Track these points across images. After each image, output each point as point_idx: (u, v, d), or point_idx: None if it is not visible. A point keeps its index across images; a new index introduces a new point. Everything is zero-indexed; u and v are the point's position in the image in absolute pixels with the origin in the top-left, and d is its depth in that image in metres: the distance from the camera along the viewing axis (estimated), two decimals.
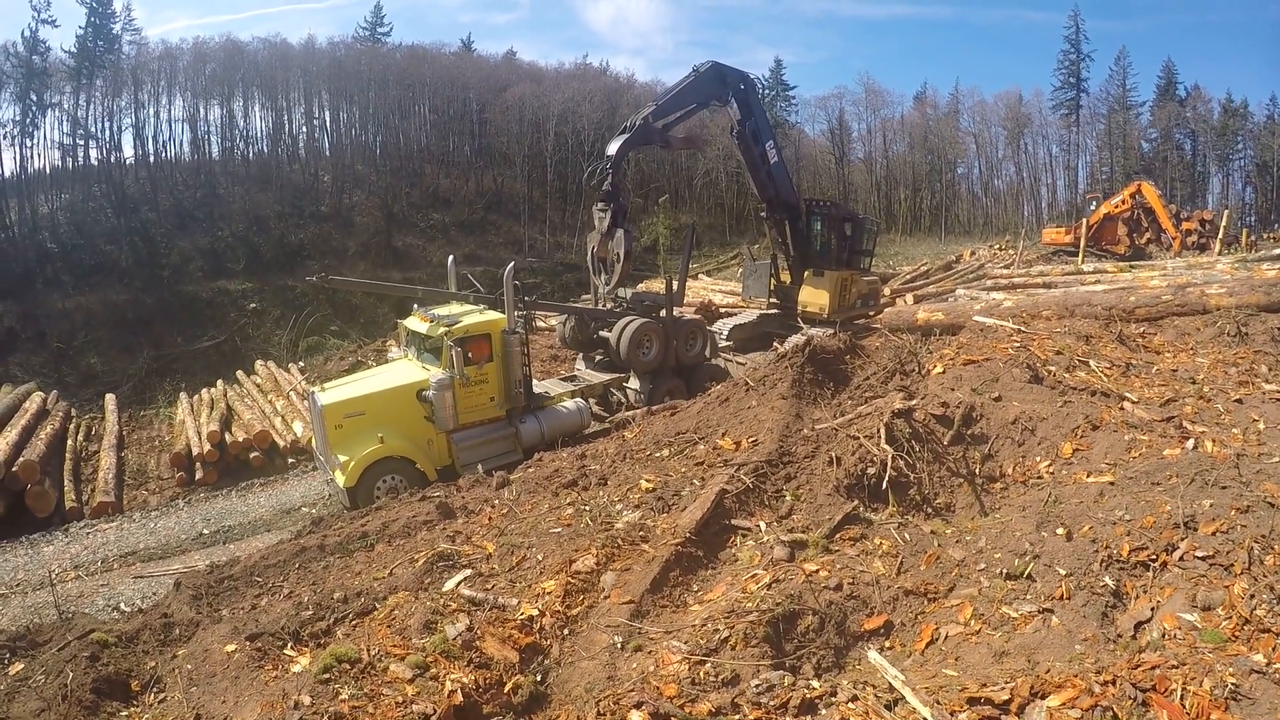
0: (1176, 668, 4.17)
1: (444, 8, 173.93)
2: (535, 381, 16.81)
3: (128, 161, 65.71)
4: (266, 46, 75.82)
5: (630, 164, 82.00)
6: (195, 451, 18.46)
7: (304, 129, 77.13)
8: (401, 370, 15.37)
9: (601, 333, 18.46)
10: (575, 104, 78.09)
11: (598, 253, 17.88)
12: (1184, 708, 3.90)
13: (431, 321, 14.87)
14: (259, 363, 29.89)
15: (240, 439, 18.97)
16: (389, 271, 58.06)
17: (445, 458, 14.49)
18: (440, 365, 14.40)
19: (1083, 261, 34.77)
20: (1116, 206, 40.23)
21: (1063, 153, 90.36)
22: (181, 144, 70.30)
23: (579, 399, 16.66)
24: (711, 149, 71.95)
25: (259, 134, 74.89)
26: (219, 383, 26.37)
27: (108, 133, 65.01)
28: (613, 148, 17.65)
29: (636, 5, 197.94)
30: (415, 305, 16.15)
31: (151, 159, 67.16)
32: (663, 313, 18.19)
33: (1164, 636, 4.67)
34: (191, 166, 67.87)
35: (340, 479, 13.45)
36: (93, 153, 64.03)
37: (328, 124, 78.47)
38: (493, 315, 15.23)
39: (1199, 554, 5.33)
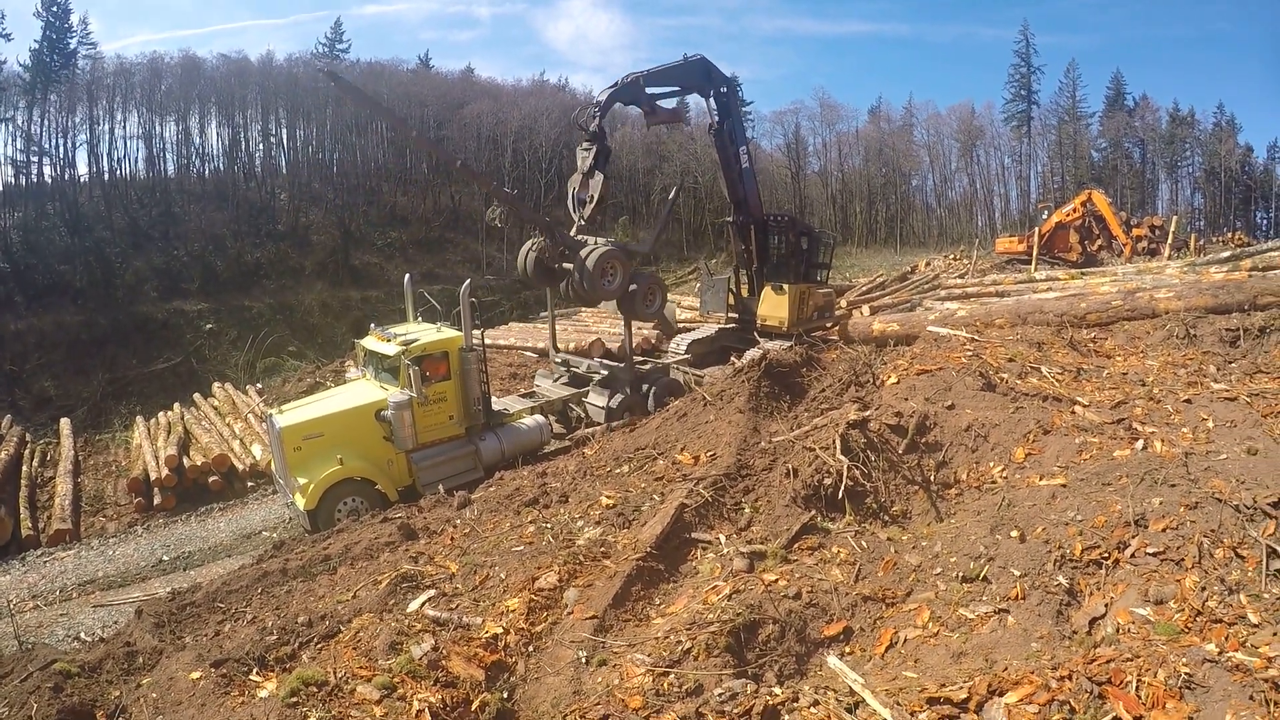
0: (1131, 660, 4.29)
1: (405, 25, 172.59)
2: (495, 398, 16.78)
3: (82, 179, 64.40)
4: (224, 63, 75.01)
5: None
6: (153, 476, 18.09)
7: (261, 146, 76.26)
8: (360, 390, 15.18)
9: (565, 265, 17.42)
10: (533, 120, 78.13)
11: (578, 192, 17.91)
12: (1139, 698, 4.02)
13: (389, 340, 14.74)
14: (216, 385, 29.43)
15: (199, 463, 18.63)
16: (347, 290, 57.61)
17: (406, 477, 14.33)
18: (398, 385, 14.21)
19: (1036, 269, 35.35)
20: (1068, 215, 40.96)
21: (1015, 163, 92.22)
22: (136, 161, 69.02)
23: (538, 415, 16.55)
24: (669, 165, 72.41)
25: (215, 151, 73.89)
26: (176, 406, 25.88)
27: (62, 149, 63.78)
28: (603, 96, 18.32)
29: (596, 23, 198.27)
30: (372, 325, 16.06)
31: (106, 176, 65.90)
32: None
33: (1118, 631, 4.80)
34: (147, 184, 66.62)
35: (300, 502, 13.22)
36: (46, 170, 62.73)
37: (285, 141, 77.72)
38: (450, 333, 15.15)
39: (1150, 550, 5.47)
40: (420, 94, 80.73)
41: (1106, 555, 5.60)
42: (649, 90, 18.92)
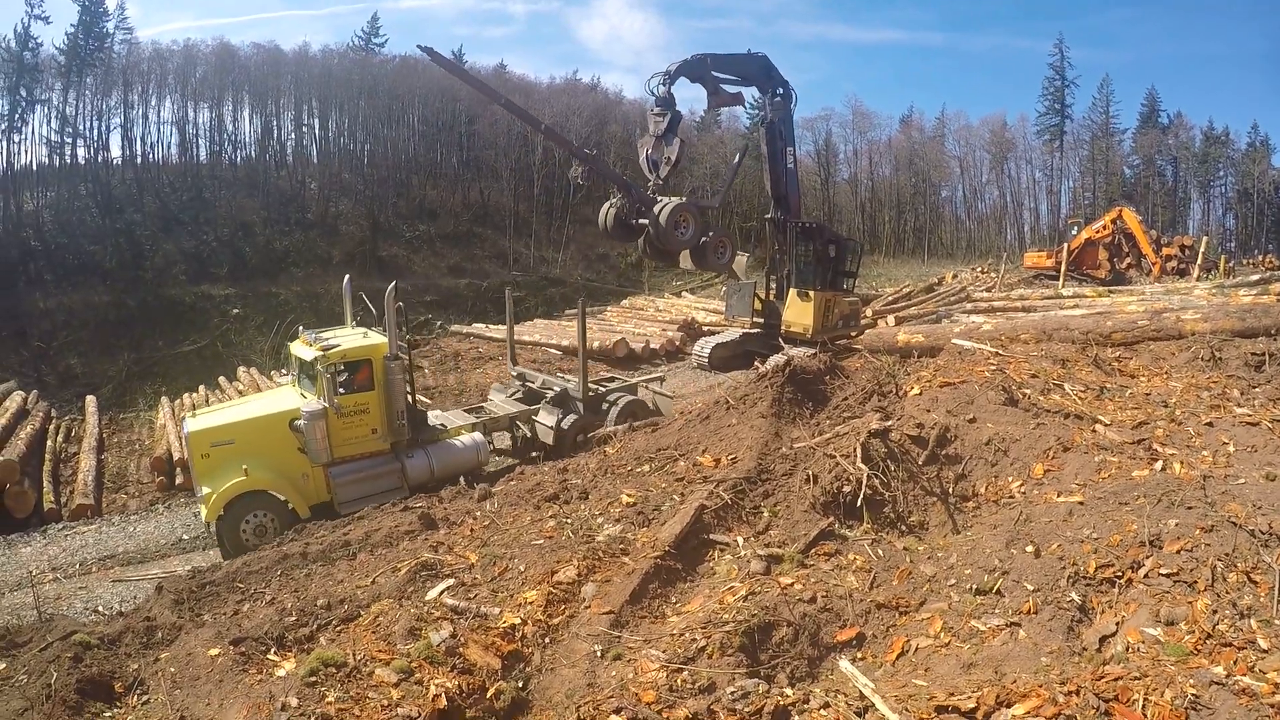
0: (1139, 679, 4.31)
1: (440, 20, 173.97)
2: (438, 411, 16.32)
3: (115, 161, 65.51)
4: (258, 52, 75.91)
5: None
6: (176, 456, 18.32)
7: (293, 136, 77.05)
8: (279, 397, 14.43)
9: (641, 220, 18.62)
10: (564, 118, 78.28)
11: (651, 154, 18.81)
12: (1145, 716, 4.04)
13: (312, 344, 13.76)
14: (241, 369, 29.80)
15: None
16: (373, 281, 57.80)
17: (325, 493, 13.22)
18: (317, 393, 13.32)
19: (1063, 286, 35.14)
20: (1098, 232, 40.62)
21: (1046, 177, 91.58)
22: (169, 146, 70.18)
23: (477, 434, 15.20)
24: (698, 167, 72.37)
25: (247, 139, 74.86)
26: (200, 388, 26.27)
27: (96, 132, 64.93)
28: (671, 66, 18.94)
29: (631, 24, 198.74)
30: (300, 328, 15.38)
31: (139, 160, 66.92)
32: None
33: (1128, 650, 4.80)
34: (179, 169, 67.64)
35: (203, 513, 12.44)
36: (80, 151, 63.94)
37: (316, 131, 78.44)
38: (376, 339, 13.98)
39: (1164, 571, 5.46)
40: (452, 89, 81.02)
41: (1120, 574, 5.61)
42: (714, 73, 19.56)
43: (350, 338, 14.28)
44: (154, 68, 69.63)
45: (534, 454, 16.04)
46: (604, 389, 17.06)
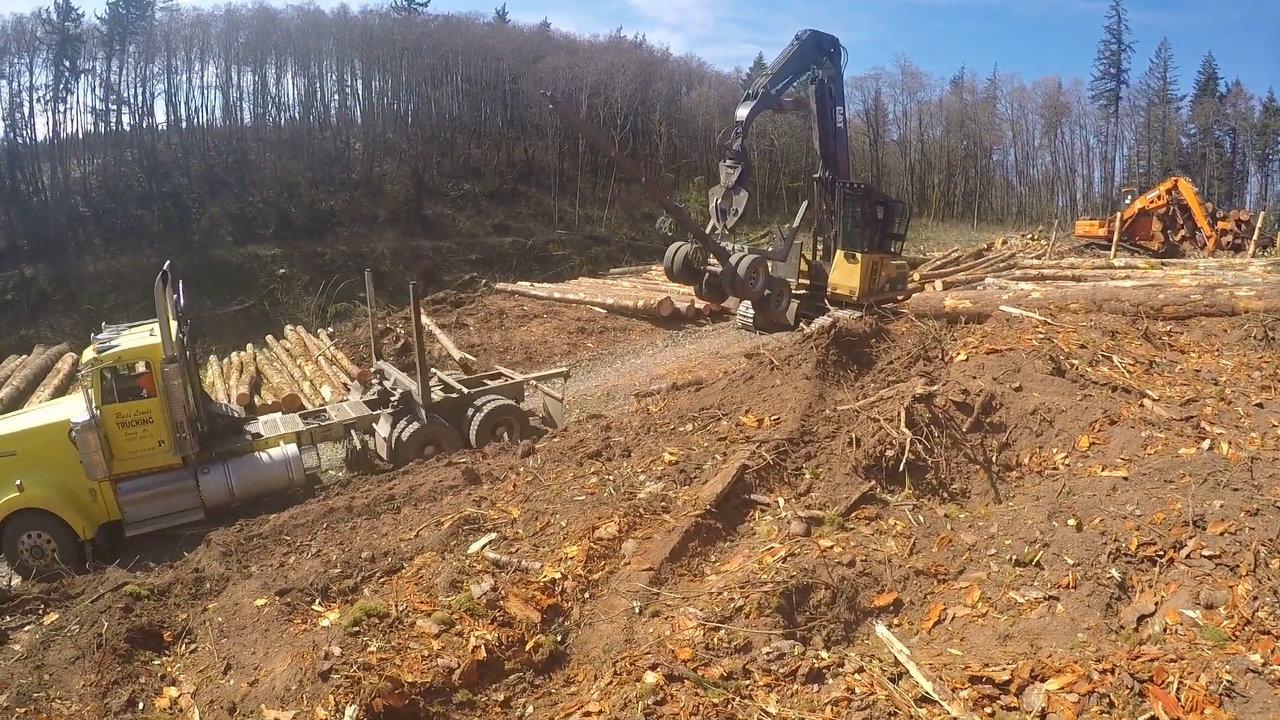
0: (1175, 661, 4.29)
1: None
2: (273, 415, 15.09)
3: (160, 127, 66.26)
4: (299, 14, 76.02)
5: (663, 137, 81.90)
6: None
7: (336, 97, 77.36)
8: (66, 405, 12.97)
9: (709, 266, 19.20)
10: (609, 76, 77.77)
11: (720, 203, 19.17)
12: (1179, 700, 4.02)
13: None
14: (288, 327, 30.27)
15: (269, 402, 19.28)
16: (418, 240, 58.43)
17: (117, 510, 11.84)
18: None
19: (1115, 256, 34.35)
20: (1152, 202, 39.51)
21: (1100, 144, 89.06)
22: (214, 110, 70.76)
23: (290, 447, 13.37)
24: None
25: (291, 101, 75.30)
26: (249, 346, 26.77)
27: (140, 98, 65.62)
28: (742, 113, 19.15)
29: None
30: (104, 324, 14.24)
31: (183, 125, 67.67)
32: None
33: (1165, 631, 4.78)
34: (223, 133, 68.26)
35: None
36: (125, 118, 64.61)
37: (360, 92, 78.61)
38: (157, 339, 12.08)
39: (1206, 553, 5.39)
40: (496, 47, 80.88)
41: (1162, 553, 5.55)
42: (775, 89, 19.77)
43: (136, 337, 12.82)
44: (196, 33, 70.13)
45: (377, 464, 14.52)
46: (470, 392, 15.33)
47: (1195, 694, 4.04)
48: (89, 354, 12.23)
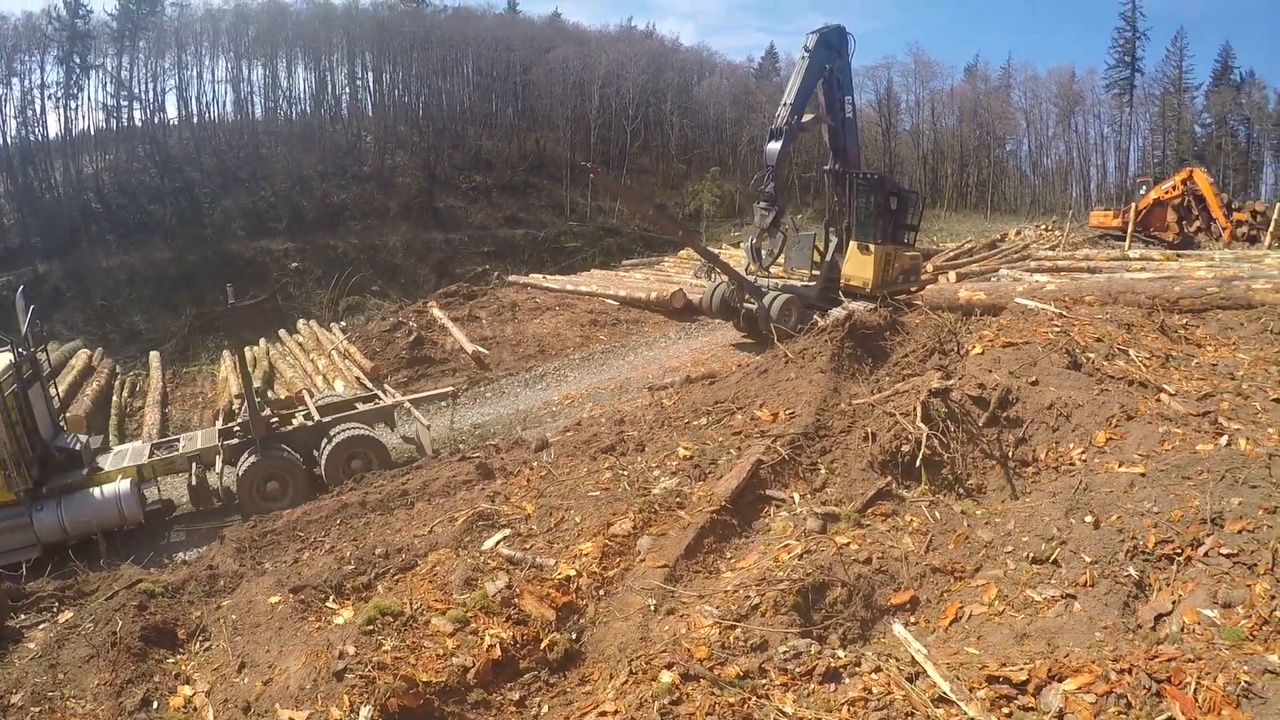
0: (1192, 662, 4.25)
1: None
2: (128, 446, 14.27)
3: (171, 122, 66.82)
4: (309, 7, 76.27)
5: (675, 128, 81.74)
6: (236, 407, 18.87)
7: (346, 90, 77.48)
8: None
9: (747, 304, 20.05)
10: (620, 67, 77.59)
11: (755, 244, 20.48)
12: (1196, 701, 3.99)
13: None
14: (301, 321, 30.39)
15: (282, 396, 19.34)
16: (430, 232, 58.53)
17: None
18: None
19: (1130, 247, 34.08)
20: (1167, 192, 39.10)
21: (1114, 133, 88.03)
22: (225, 105, 71.16)
23: (124, 483, 12.22)
24: (756, 115, 71.36)
25: (302, 95, 75.47)
26: (261, 341, 26.88)
27: (151, 94, 66.10)
28: (772, 156, 19.80)
29: None
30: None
31: (195, 120, 67.96)
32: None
33: (1183, 630, 4.75)
34: (235, 127, 68.56)
35: None
36: (136, 114, 65.17)
37: (370, 85, 78.76)
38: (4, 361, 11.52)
39: (1224, 551, 5.35)
40: (507, 38, 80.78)
41: (1179, 551, 5.50)
42: (797, 117, 20.12)
43: None
44: (206, 28, 70.40)
45: (217, 502, 13.24)
46: (325, 420, 13.92)
47: (1213, 695, 4.01)
48: None
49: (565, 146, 74.42)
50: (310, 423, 13.85)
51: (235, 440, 13.30)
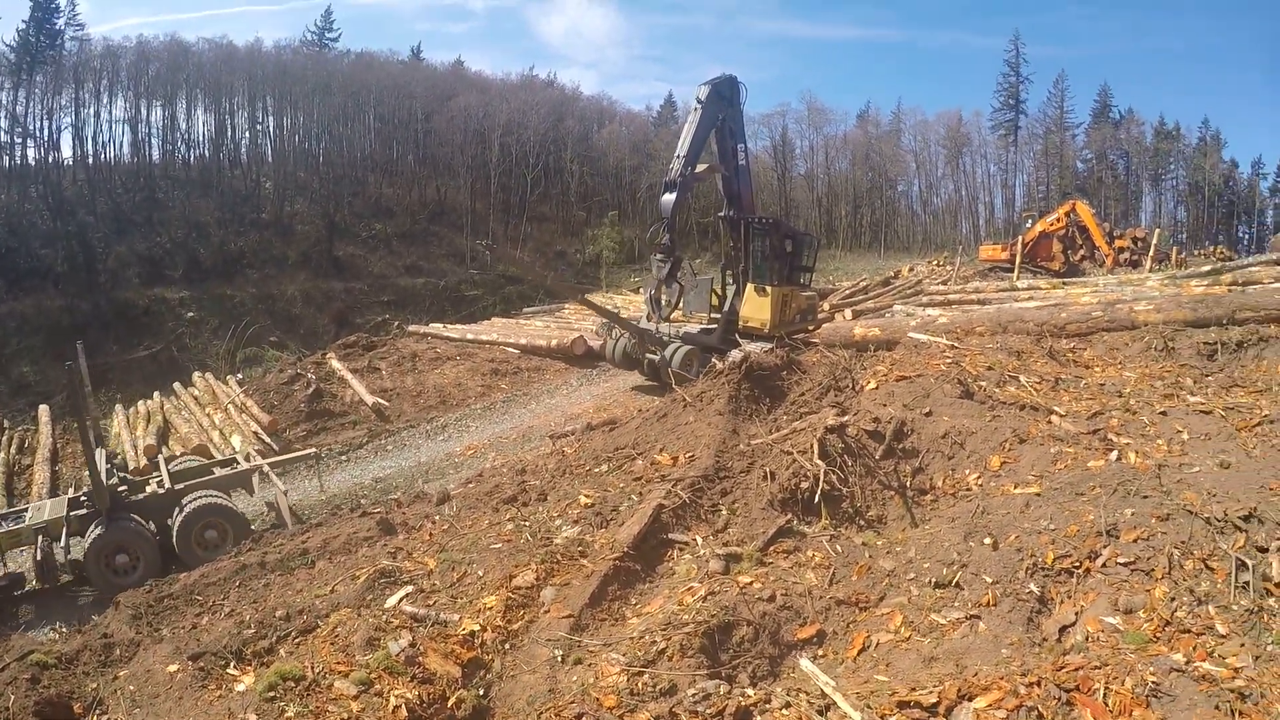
0: (1100, 668, 4.35)
1: (400, 16, 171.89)
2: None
3: (66, 162, 63.93)
4: (211, 48, 74.58)
5: (575, 175, 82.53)
6: (131, 466, 17.97)
7: (247, 134, 75.82)
8: None
9: (649, 354, 20.19)
10: (521, 115, 78.01)
11: (653, 294, 20.52)
12: (1107, 705, 4.07)
13: None
14: (196, 374, 29.23)
15: (178, 453, 18.48)
16: (330, 281, 57.41)
17: None
18: None
19: (1018, 278, 35.50)
20: (1052, 224, 41.03)
21: (1000, 172, 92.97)
22: (122, 146, 68.57)
23: None
24: (654, 163, 72.53)
25: (201, 138, 73.49)
26: (155, 394, 25.77)
27: (46, 132, 63.23)
28: (667, 208, 19.81)
29: (590, 19, 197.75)
30: None
31: (90, 160, 65.41)
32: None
33: (1088, 639, 4.85)
34: (131, 169, 66.17)
35: None
36: (30, 152, 62.21)
37: (271, 130, 77.28)
38: None
39: (1121, 560, 5.52)
40: (410, 85, 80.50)
41: (1078, 564, 5.66)
42: (691, 168, 20.22)
43: None
44: (106, 65, 68.01)
45: (66, 577, 12.11)
46: (177, 488, 12.94)
47: (1122, 697, 4.10)
48: None
49: (466, 194, 74.24)
50: (162, 490, 12.90)
51: (83, 511, 12.27)
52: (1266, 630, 4.62)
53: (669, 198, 19.76)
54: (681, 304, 21.92)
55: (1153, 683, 4.15)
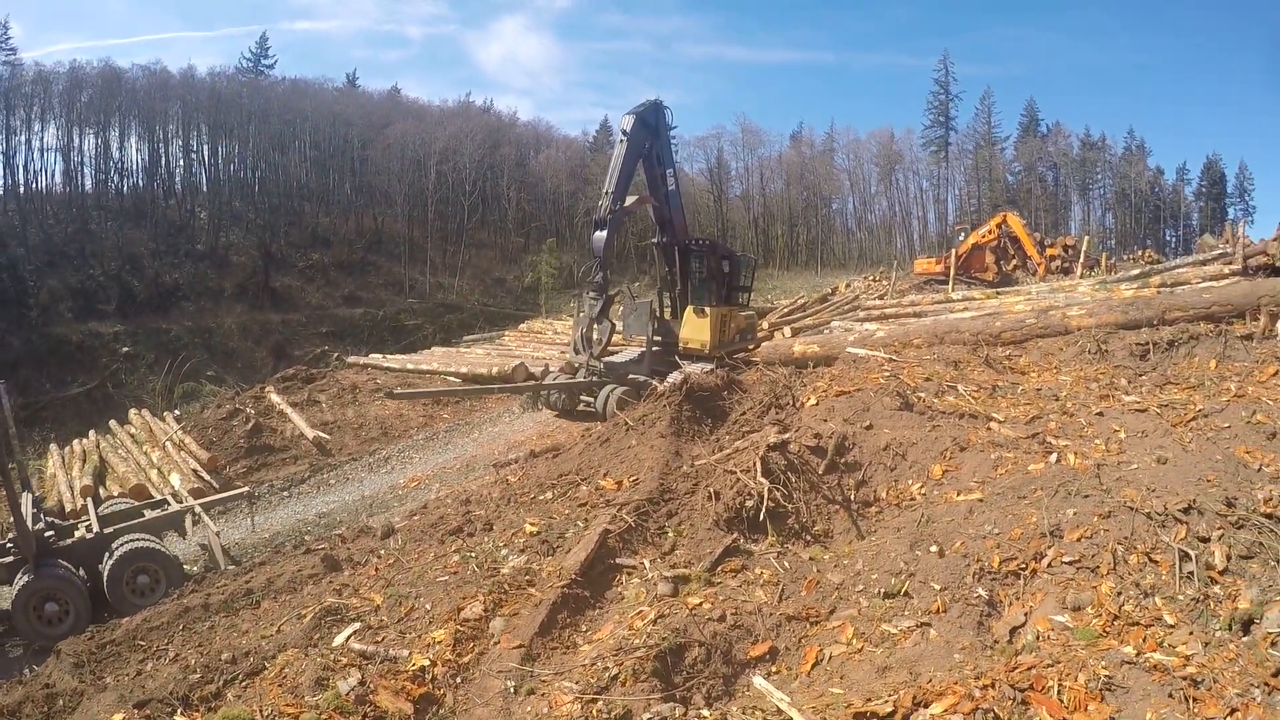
0: (1052, 666, 4.41)
1: (335, 42, 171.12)
2: None
3: None
4: (146, 75, 73.38)
5: (512, 201, 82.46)
6: (67, 508, 17.35)
7: (181, 163, 74.46)
8: None
9: (584, 398, 19.88)
10: (458, 141, 77.82)
11: (585, 333, 20.40)
12: (1061, 702, 4.12)
13: None
14: (133, 411, 28.38)
15: (115, 493, 17.87)
16: (266, 314, 56.41)
17: None
18: None
19: (953, 290, 36.01)
20: (984, 236, 41.99)
21: (933, 187, 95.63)
22: (53, 175, 67.06)
23: None
24: (591, 188, 72.79)
25: (135, 167, 72.11)
26: (91, 433, 24.92)
27: None
28: (599, 246, 19.79)
29: (527, 46, 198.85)
30: None
31: (21, 190, 63.64)
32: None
33: (1038, 638, 4.91)
34: (63, 199, 64.71)
35: None
36: None
37: (205, 158, 75.99)
38: None
39: (1066, 560, 5.62)
40: (345, 113, 79.85)
41: (1024, 566, 5.75)
42: (622, 201, 20.19)
43: None
44: (38, 91, 66.38)
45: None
46: (106, 531, 12.39)
47: (1077, 693, 4.14)
48: None
49: (403, 222, 73.74)
50: (90, 535, 12.31)
51: (9, 559, 11.61)
52: (1214, 617, 4.72)
53: (600, 235, 19.73)
54: (621, 327, 21.89)
55: (1105, 676, 4.22)
